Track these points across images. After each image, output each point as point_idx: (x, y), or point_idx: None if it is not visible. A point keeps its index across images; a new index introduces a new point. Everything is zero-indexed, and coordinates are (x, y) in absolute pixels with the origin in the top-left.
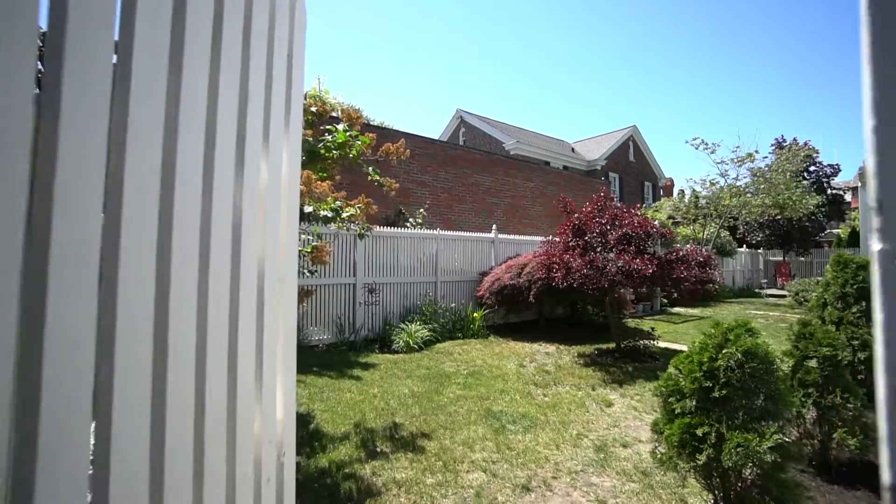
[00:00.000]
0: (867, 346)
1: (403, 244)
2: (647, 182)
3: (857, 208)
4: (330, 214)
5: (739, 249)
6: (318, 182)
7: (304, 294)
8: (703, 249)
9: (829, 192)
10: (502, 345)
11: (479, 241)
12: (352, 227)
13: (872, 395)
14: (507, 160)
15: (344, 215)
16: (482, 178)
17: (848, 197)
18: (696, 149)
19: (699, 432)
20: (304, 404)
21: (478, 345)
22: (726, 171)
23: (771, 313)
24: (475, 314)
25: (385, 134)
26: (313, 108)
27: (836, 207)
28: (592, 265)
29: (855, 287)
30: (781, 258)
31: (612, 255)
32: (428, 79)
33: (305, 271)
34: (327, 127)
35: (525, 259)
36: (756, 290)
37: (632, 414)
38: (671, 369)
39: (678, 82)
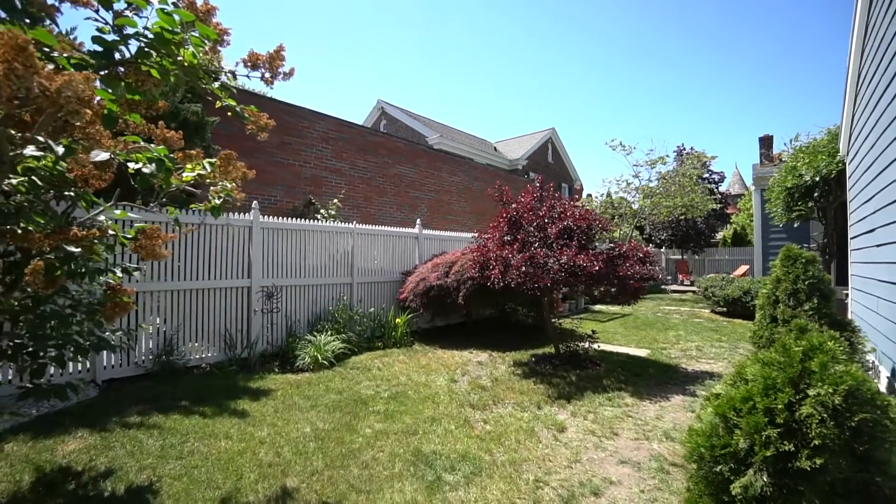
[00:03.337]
0: None
1: (313, 239)
2: (564, 184)
3: (732, 213)
4: (148, 170)
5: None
6: (61, 72)
7: (114, 309)
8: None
9: (717, 196)
10: (429, 354)
11: (402, 236)
12: (217, 200)
13: None
14: (431, 152)
15: (185, 176)
16: (405, 170)
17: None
18: (614, 150)
19: None
20: (149, 467)
21: (401, 356)
22: (639, 172)
23: (682, 308)
24: (398, 320)
25: (293, 112)
26: None
27: (722, 211)
28: (533, 262)
29: (806, 283)
30: (680, 257)
31: (551, 251)
32: (347, 69)
33: (116, 269)
34: None
35: (453, 256)
36: (662, 287)
37: (591, 441)
38: (710, 416)
39: (592, 90)
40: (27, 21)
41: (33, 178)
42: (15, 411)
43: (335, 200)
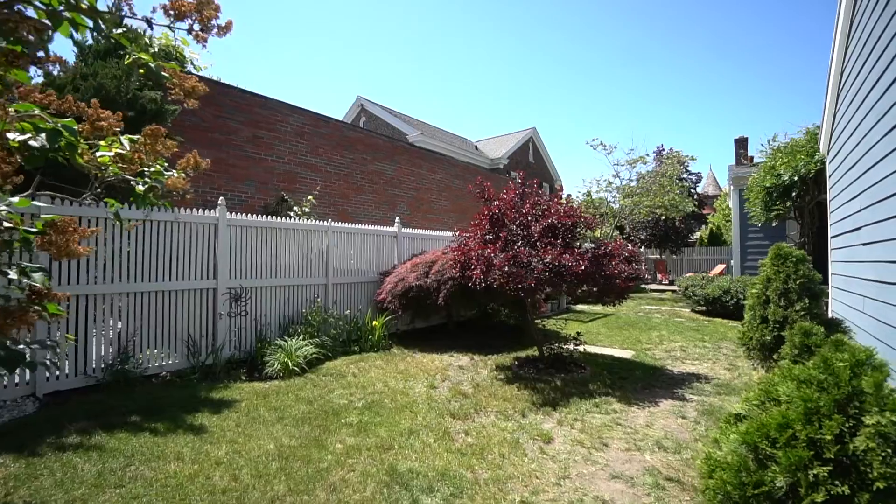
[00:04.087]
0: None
1: (285, 238)
2: (545, 183)
3: (707, 214)
4: (38, 143)
5: None
6: None
7: (6, 319)
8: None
9: (695, 197)
10: (408, 359)
11: (381, 235)
12: (141, 187)
13: None
14: (411, 148)
15: (101, 156)
16: (384, 167)
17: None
18: (595, 149)
19: None
20: (79, 500)
21: (378, 361)
22: (619, 171)
23: (662, 308)
24: (375, 322)
25: (265, 104)
26: None
27: (699, 212)
28: (516, 261)
29: (798, 282)
30: (659, 256)
31: (535, 250)
32: (327, 66)
33: (10, 270)
34: None
35: (433, 256)
36: (642, 287)
37: (580, 453)
38: (734, 444)
39: (572, 89)
40: None
41: None
42: None
43: (310, 197)
